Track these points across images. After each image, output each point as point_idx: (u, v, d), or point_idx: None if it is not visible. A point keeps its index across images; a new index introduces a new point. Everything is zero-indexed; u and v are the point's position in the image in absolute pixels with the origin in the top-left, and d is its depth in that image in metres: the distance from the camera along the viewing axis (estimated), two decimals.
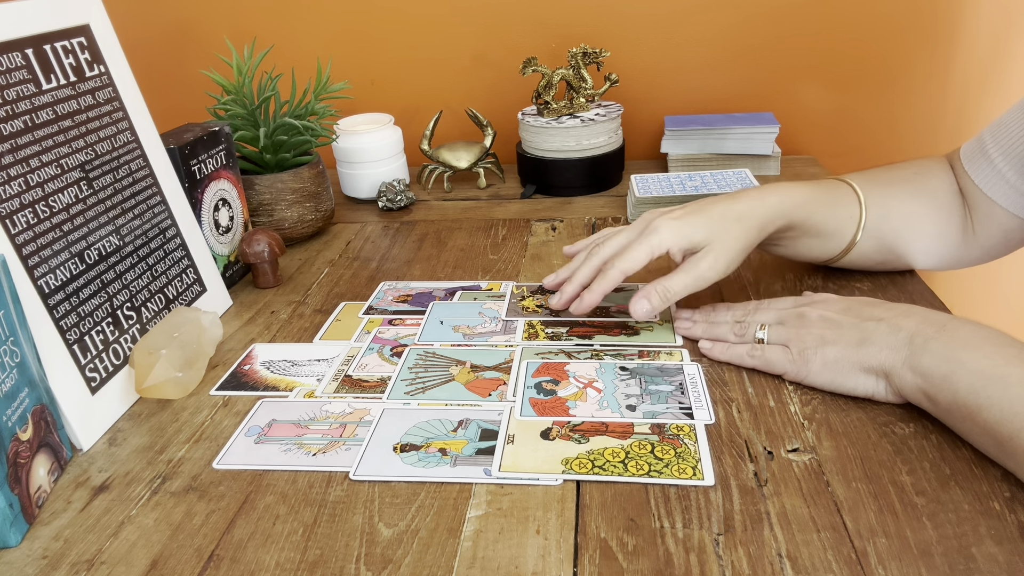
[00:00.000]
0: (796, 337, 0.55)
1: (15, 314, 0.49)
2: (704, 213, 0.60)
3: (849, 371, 0.52)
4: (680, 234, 0.59)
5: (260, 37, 0.91)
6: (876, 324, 0.52)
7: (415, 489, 0.48)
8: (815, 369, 0.53)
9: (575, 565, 0.42)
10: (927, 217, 0.66)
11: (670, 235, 0.59)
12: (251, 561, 0.43)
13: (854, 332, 0.52)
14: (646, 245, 0.59)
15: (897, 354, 0.50)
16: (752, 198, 0.61)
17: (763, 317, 0.58)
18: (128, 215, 0.64)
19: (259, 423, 0.56)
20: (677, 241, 0.59)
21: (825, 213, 0.64)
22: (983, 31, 1.04)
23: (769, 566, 0.40)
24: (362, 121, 1.03)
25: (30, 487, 0.48)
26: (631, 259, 0.59)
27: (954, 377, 0.46)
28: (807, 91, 1.09)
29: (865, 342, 0.51)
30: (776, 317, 0.58)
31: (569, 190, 0.99)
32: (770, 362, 0.56)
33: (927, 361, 0.48)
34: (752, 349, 0.57)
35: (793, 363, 0.54)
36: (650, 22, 1.08)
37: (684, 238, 0.58)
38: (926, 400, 0.49)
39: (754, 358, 0.56)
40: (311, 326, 0.69)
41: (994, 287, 1.20)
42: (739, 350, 0.57)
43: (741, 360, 0.57)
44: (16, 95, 0.56)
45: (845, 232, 0.66)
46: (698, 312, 0.63)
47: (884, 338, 0.51)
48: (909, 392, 0.50)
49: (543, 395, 0.56)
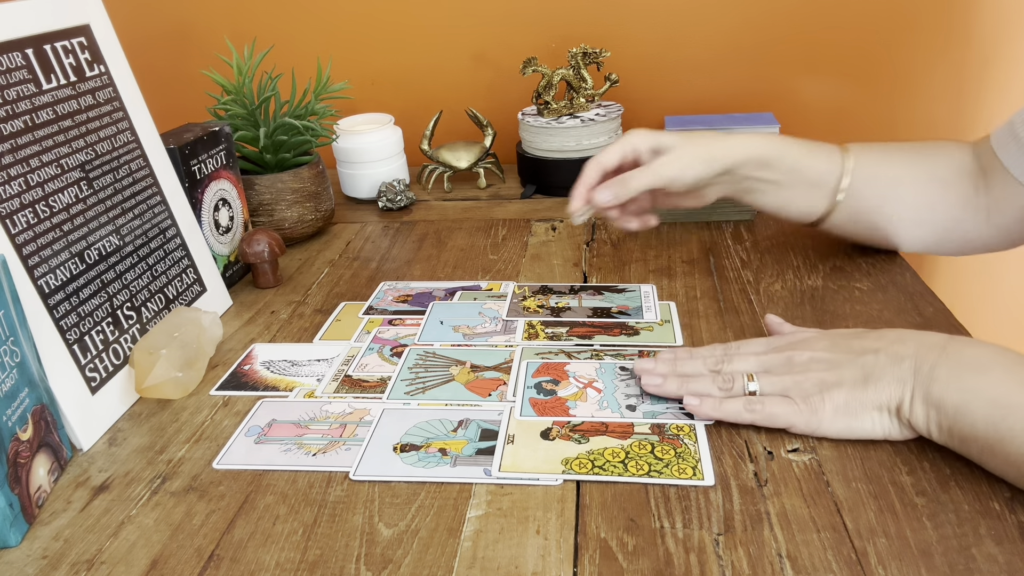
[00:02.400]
0: (794, 385, 0.50)
1: (15, 314, 0.49)
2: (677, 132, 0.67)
3: (863, 413, 0.48)
4: (649, 135, 0.66)
5: (260, 37, 0.91)
6: (875, 357, 0.48)
7: (415, 489, 0.48)
8: (827, 418, 0.48)
9: (575, 565, 0.42)
10: (913, 185, 0.66)
11: (640, 134, 0.66)
12: (251, 561, 0.43)
13: (855, 370, 0.49)
14: (618, 143, 0.66)
15: (905, 386, 0.47)
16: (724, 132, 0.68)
17: (742, 365, 0.53)
18: (128, 215, 0.64)
19: (259, 423, 0.56)
20: (645, 139, 0.65)
21: (802, 159, 0.66)
22: (985, 30, 1.04)
23: (769, 566, 0.40)
24: (362, 121, 1.03)
25: (30, 487, 0.48)
26: (604, 153, 0.66)
27: (969, 408, 0.44)
28: (807, 91, 1.09)
29: (870, 379, 0.48)
30: (759, 365, 0.52)
31: (569, 190, 0.99)
32: (774, 416, 0.50)
33: (937, 390, 0.45)
34: (749, 403, 0.50)
35: (800, 414, 0.49)
36: (650, 22, 1.08)
37: (652, 137, 0.65)
38: (939, 432, 0.46)
39: (754, 412, 0.50)
40: (311, 326, 0.69)
41: (995, 288, 1.20)
42: (734, 406, 0.50)
43: (738, 417, 0.50)
44: (16, 95, 0.56)
45: (827, 184, 0.67)
46: (659, 363, 0.56)
47: (888, 371, 0.48)
48: (921, 425, 0.47)
49: (543, 395, 0.56)
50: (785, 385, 0.50)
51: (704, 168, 0.64)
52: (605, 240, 0.84)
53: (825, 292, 0.68)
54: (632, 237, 0.84)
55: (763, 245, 0.79)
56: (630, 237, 0.84)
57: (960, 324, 0.62)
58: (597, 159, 0.66)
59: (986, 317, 1.22)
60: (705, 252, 0.79)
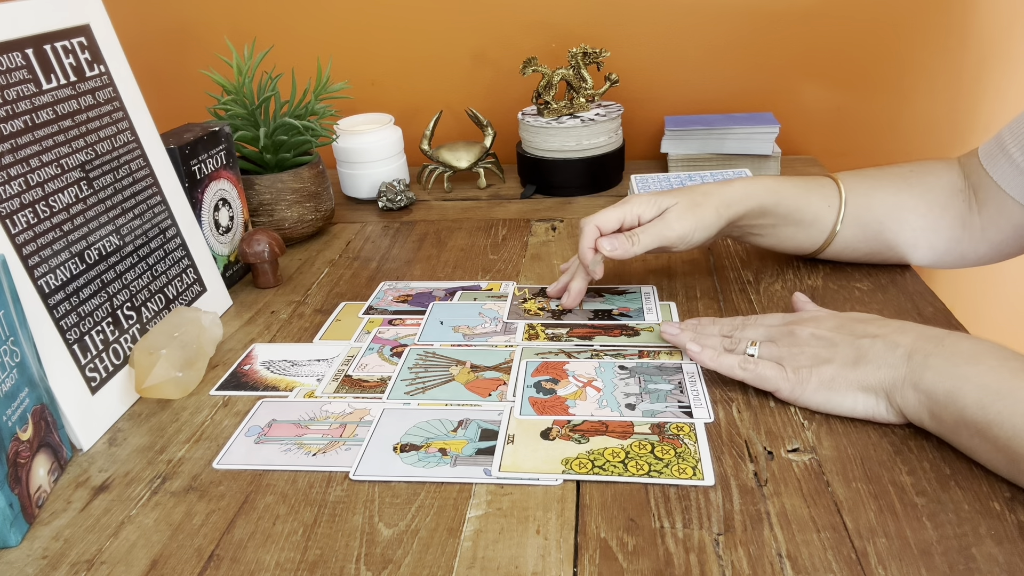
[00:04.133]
0: (789, 355, 0.53)
1: (15, 314, 0.49)
2: (675, 190, 0.66)
3: (846, 390, 0.50)
4: (650, 200, 0.65)
5: (260, 37, 0.91)
6: (872, 341, 0.50)
7: (415, 489, 0.48)
8: (811, 388, 0.51)
9: (575, 565, 0.42)
10: (915, 209, 0.67)
11: (640, 201, 0.65)
12: (251, 561, 0.43)
13: (850, 350, 0.51)
14: (618, 208, 0.65)
15: (896, 372, 0.48)
16: (720, 183, 0.67)
17: (752, 333, 0.56)
18: (128, 215, 0.64)
19: (259, 423, 0.56)
20: (647, 207, 0.65)
21: (798, 199, 0.67)
22: (984, 30, 1.04)
23: (769, 566, 0.40)
24: (362, 121, 1.03)
25: (30, 487, 0.48)
26: (603, 215, 0.65)
27: (959, 393, 0.45)
28: (807, 91, 1.09)
29: (862, 360, 0.50)
30: (766, 334, 0.56)
31: (569, 190, 0.99)
32: (763, 377, 0.53)
33: (929, 377, 0.46)
34: (744, 361, 0.54)
35: (787, 380, 0.52)
36: (650, 22, 1.08)
37: (653, 203, 0.65)
38: (930, 419, 0.47)
39: (746, 371, 0.54)
40: (311, 326, 0.69)
41: (995, 288, 1.20)
42: (730, 360, 0.54)
43: (731, 371, 0.54)
44: (16, 95, 0.56)
45: (824, 220, 0.68)
46: (684, 324, 0.61)
47: (881, 355, 0.49)
48: (911, 411, 0.48)
49: (543, 394, 0.56)
50: (781, 354, 0.54)
51: (710, 228, 0.64)
52: None
53: (825, 292, 0.68)
54: None
55: None
56: None
57: (960, 324, 0.62)
58: (595, 222, 0.64)
59: (987, 317, 1.22)
60: (705, 252, 0.79)
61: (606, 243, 0.63)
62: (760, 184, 0.67)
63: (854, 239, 0.68)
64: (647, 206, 0.64)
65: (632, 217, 0.65)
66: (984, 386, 0.44)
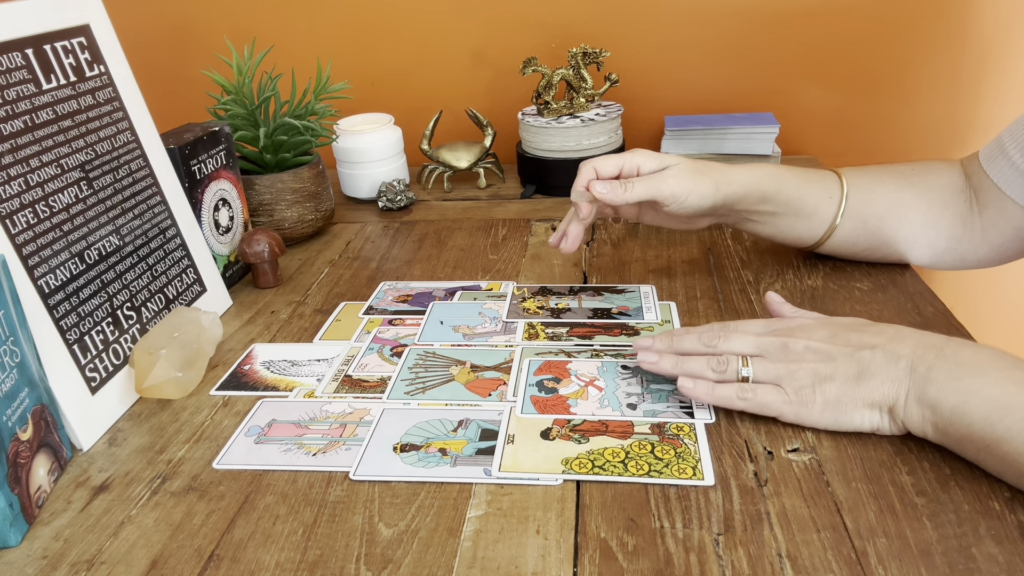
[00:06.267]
0: (787, 374, 0.50)
1: (15, 314, 0.49)
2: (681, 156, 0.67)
3: (852, 408, 0.49)
4: (654, 154, 0.66)
5: (260, 37, 0.91)
6: (872, 353, 0.48)
7: (415, 489, 0.48)
8: (816, 410, 0.49)
9: (575, 565, 0.42)
10: (915, 207, 0.67)
11: (643, 153, 0.66)
12: (251, 561, 0.43)
13: (850, 364, 0.49)
14: (620, 156, 0.66)
15: (900, 386, 0.47)
16: (724, 164, 0.67)
17: (739, 345, 0.53)
18: (128, 215, 0.64)
19: (259, 423, 0.56)
20: (649, 159, 0.65)
21: (799, 189, 0.67)
22: (984, 30, 1.04)
23: (769, 566, 0.40)
24: (362, 121, 1.03)
25: (30, 487, 0.48)
26: (603, 159, 0.65)
27: (966, 408, 0.44)
28: (807, 91, 1.09)
29: (864, 375, 0.48)
30: (754, 346, 0.52)
31: (569, 190, 0.99)
32: (764, 405, 0.51)
33: (933, 392, 0.45)
34: (741, 391, 0.51)
35: (790, 404, 0.50)
36: (650, 22, 1.08)
37: (656, 158, 0.65)
38: (934, 432, 0.46)
39: (745, 400, 0.51)
40: (311, 326, 0.69)
41: (995, 288, 1.20)
42: (727, 391, 0.51)
43: (730, 403, 0.51)
44: (16, 95, 0.56)
45: (824, 212, 0.68)
46: (657, 340, 0.56)
47: (883, 369, 0.48)
48: (915, 425, 0.47)
49: (544, 393, 0.56)
50: (779, 373, 0.51)
51: (705, 197, 0.64)
52: (605, 240, 0.84)
53: (825, 292, 0.68)
54: (632, 237, 0.84)
55: (763, 245, 0.79)
56: (630, 237, 0.84)
57: (960, 325, 0.62)
58: (594, 165, 0.65)
59: (987, 317, 1.22)
60: (705, 252, 0.79)
61: (599, 186, 0.63)
62: (762, 170, 0.67)
63: (853, 233, 0.68)
64: (649, 159, 0.65)
65: (632, 166, 0.65)
66: (991, 400, 0.43)
